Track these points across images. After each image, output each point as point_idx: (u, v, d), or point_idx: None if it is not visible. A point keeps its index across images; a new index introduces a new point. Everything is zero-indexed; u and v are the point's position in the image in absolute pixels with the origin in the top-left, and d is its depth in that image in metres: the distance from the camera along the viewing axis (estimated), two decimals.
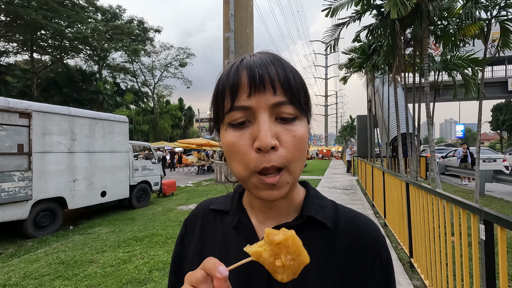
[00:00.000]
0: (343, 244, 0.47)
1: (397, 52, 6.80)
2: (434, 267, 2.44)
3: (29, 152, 4.86)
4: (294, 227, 0.46)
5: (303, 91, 0.45)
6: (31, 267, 3.55)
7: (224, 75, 0.44)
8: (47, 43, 24.69)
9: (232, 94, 0.41)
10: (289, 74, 0.42)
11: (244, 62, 0.43)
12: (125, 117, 7.25)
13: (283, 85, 0.41)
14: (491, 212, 1.51)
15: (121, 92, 33.82)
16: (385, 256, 0.48)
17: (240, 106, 0.41)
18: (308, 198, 0.50)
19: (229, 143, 0.42)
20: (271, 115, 0.41)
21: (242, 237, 0.48)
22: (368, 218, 0.52)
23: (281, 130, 0.41)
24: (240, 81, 0.41)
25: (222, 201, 0.57)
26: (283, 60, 0.44)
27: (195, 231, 0.55)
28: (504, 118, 39.86)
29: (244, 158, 0.41)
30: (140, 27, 32.41)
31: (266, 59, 0.43)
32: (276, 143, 0.39)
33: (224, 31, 10.11)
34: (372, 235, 0.48)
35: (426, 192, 2.63)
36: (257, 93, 0.40)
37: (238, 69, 0.42)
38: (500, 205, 6.70)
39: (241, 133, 0.41)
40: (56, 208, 5.39)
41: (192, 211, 0.60)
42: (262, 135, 0.39)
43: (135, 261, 3.69)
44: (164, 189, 8.99)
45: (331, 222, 0.48)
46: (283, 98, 0.41)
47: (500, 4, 5.11)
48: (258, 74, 0.40)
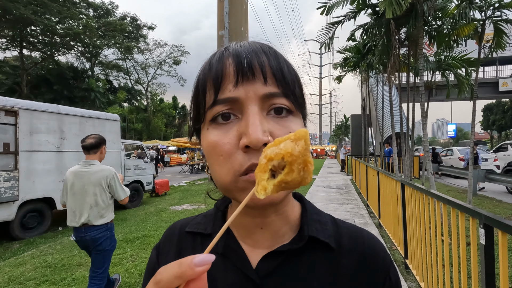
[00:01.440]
0: (349, 267, 0.40)
1: (391, 52, 6.79)
2: (429, 268, 2.40)
3: (16, 152, 4.70)
4: (293, 251, 0.39)
5: (298, 85, 0.38)
6: (16, 271, 3.42)
7: (205, 66, 0.36)
8: (37, 39, 24.14)
9: (216, 85, 0.34)
10: (283, 63, 0.36)
11: (230, 48, 0.36)
12: (117, 115, 7.10)
13: (276, 74, 0.34)
14: (491, 216, 1.47)
15: (114, 90, 33.37)
16: (394, 277, 0.43)
17: (225, 98, 0.34)
18: (306, 214, 0.43)
19: (210, 143, 0.35)
20: (262, 108, 0.34)
21: (231, 266, 0.40)
22: (372, 234, 0.46)
23: (274, 126, 0.34)
24: (224, 69, 0.34)
25: (201, 221, 0.47)
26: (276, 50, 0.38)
27: (168, 259, 0.45)
28: (494, 118, 40.61)
29: (228, 160, 0.33)
30: (133, 24, 31.98)
31: (256, 45, 0.36)
32: (269, 139, 0.32)
33: (219, 29, 10.00)
34: (380, 256, 0.43)
35: (422, 194, 2.59)
36: (245, 82, 0.33)
37: (222, 57, 0.35)
38: (493, 204, 6.77)
39: (225, 130, 0.34)
40: (45, 208, 5.25)
41: (163, 234, 0.50)
42: (252, 130, 0.31)
43: (125, 264, 3.59)
44: (157, 189, 8.86)
45: (334, 241, 0.42)
46: (276, 89, 0.34)
47: (495, 4, 5.13)
48: (246, 60, 0.33)
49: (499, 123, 39.75)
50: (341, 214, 5.86)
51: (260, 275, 0.38)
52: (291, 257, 0.39)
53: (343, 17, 7.40)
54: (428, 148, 5.86)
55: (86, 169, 2.42)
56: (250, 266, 0.39)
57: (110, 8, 29.36)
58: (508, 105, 37.66)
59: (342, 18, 7.45)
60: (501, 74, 22.97)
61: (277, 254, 0.39)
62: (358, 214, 5.91)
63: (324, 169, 18.37)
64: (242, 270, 0.39)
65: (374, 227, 4.97)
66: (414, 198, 2.86)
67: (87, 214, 2.31)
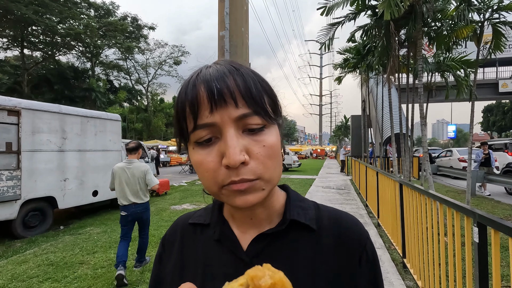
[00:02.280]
0: (329, 245, 0.46)
1: (391, 53, 6.83)
2: (426, 267, 2.45)
3: (18, 151, 4.75)
4: (278, 233, 0.46)
5: (269, 97, 0.43)
6: (19, 269, 3.47)
7: (182, 91, 0.41)
8: (38, 39, 24.21)
9: (193, 113, 0.39)
10: (250, 83, 0.40)
11: (201, 76, 0.40)
12: (118, 115, 7.15)
13: (245, 96, 0.39)
14: (484, 215, 1.52)
15: (114, 90, 33.42)
16: (371, 251, 0.48)
17: (204, 124, 0.39)
18: (289, 201, 0.49)
19: (197, 162, 0.41)
20: (238, 128, 0.39)
21: (226, 250, 0.47)
22: (350, 215, 0.51)
23: (250, 142, 0.39)
24: (199, 98, 0.39)
25: (201, 214, 0.54)
26: (243, 68, 0.42)
27: (173, 248, 0.53)
28: (494, 119, 40.64)
29: (212, 175, 0.39)
30: (134, 24, 32.04)
31: (223, 69, 0.40)
32: (245, 158, 0.38)
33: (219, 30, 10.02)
34: (356, 232, 0.48)
35: (420, 193, 2.63)
36: (218, 108, 0.38)
37: (195, 84, 0.40)
38: (491, 205, 6.80)
39: (209, 150, 0.40)
40: (46, 207, 5.29)
41: (169, 228, 0.57)
42: (230, 152, 0.37)
43: (126, 262, 3.62)
44: (158, 188, 8.90)
45: (315, 223, 0.48)
46: (247, 110, 0.39)
47: (493, 7, 5.17)
48: (216, 88, 0.38)
49: (499, 124, 39.77)
50: None
51: (249, 255, 0.44)
52: (276, 239, 0.46)
53: (343, 18, 7.44)
54: (427, 149, 5.90)
55: (129, 166, 3.42)
56: (241, 248, 0.45)
57: (111, 8, 29.43)
58: (508, 106, 37.69)
59: (342, 19, 7.49)
60: (501, 75, 22.99)
61: (264, 237, 0.45)
62: (357, 214, 5.95)
63: (324, 170, 18.42)
64: (235, 253, 0.45)
65: (373, 227, 5.01)
66: (412, 198, 2.90)
67: (135, 196, 3.38)
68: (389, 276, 3.14)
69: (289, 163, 17.42)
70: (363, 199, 7.19)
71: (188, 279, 0.45)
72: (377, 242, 4.18)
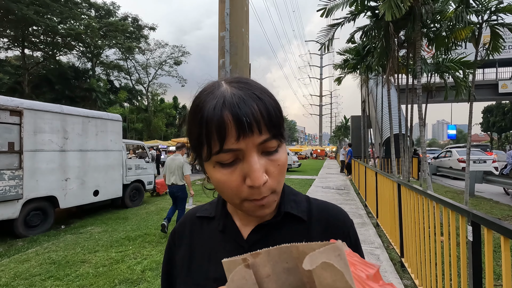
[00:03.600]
0: (318, 233, 0.53)
1: (390, 54, 6.86)
2: (423, 266, 2.48)
3: (20, 151, 4.79)
4: (274, 224, 0.52)
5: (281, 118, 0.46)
6: (21, 267, 3.51)
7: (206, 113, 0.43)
8: (39, 39, 24.25)
9: (220, 138, 0.41)
10: (271, 112, 0.43)
11: (227, 103, 0.42)
12: (119, 115, 7.19)
13: (267, 124, 0.43)
14: (478, 214, 1.55)
15: (115, 90, 33.44)
16: (353, 237, 0.54)
17: (229, 149, 0.42)
18: (284, 195, 0.55)
19: (220, 181, 0.44)
20: (258, 151, 0.44)
21: (229, 239, 0.53)
22: (336, 206, 0.58)
23: (267, 163, 0.44)
24: (226, 126, 0.41)
25: (207, 208, 0.60)
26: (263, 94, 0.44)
27: (183, 238, 0.59)
28: (494, 119, 40.65)
29: (236, 192, 0.44)
30: (134, 24, 32.07)
31: (247, 98, 0.43)
32: (266, 178, 0.43)
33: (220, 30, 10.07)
34: (341, 220, 0.55)
35: (417, 193, 2.67)
36: (245, 137, 0.41)
37: (221, 110, 0.41)
38: (489, 206, 6.84)
39: (231, 171, 0.43)
40: (48, 207, 5.33)
41: (179, 221, 0.63)
42: (256, 176, 0.42)
43: (127, 261, 3.67)
44: (158, 188, 8.94)
45: (306, 215, 0.54)
46: (268, 135, 0.43)
47: (491, 9, 5.21)
48: (246, 122, 0.41)
49: (499, 124, 39.79)
50: None
51: (249, 243, 0.51)
52: (273, 229, 0.52)
53: (343, 19, 7.48)
54: (426, 149, 5.94)
55: (175, 158, 4.85)
56: (242, 237, 0.52)
57: (111, 8, 29.47)
58: (508, 107, 37.71)
59: (341, 20, 7.53)
60: (500, 76, 22.99)
61: (262, 227, 0.52)
62: (356, 214, 5.98)
63: (323, 170, 18.44)
64: (237, 241, 0.52)
65: (372, 227, 5.04)
66: (410, 198, 2.94)
67: (174, 179, 4.77)
68: (387, 275, 3.17)
69: (289, 163, 17.45)
70: (363, 199, 7.23)
71: (197, 262, 0.53)
72: (376, 242, 4.21)
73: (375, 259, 3.60)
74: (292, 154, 19.85)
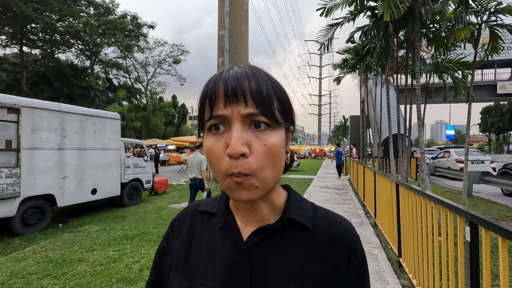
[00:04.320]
0: (322, 244, 0.50)
1: (390, 54, 6.86)
2: (421, 266, 2.49)
3: (18, 149, 4.77)
4: (276, 229, 0.50)
5: (279, 102, 0.46)
6: (18, 266, 3.49)
7: (205, 86, 0.47)
8: (38, 37, 24.15)
9: (211, 104, 0.44)
10: (262, 86, 0.44)
11: (222, 75, 0.45)
12: (117, 114, 7.17)
13: (254, 98, 0.43)
14: (476, 215, 1.55)
15: (114, 88, 33.37)
16: (360, 254, 0.52)
17: (217, 115, 0.44)
18: (289, 201, 0.53)
19: (207, 148, 0.45)
20: (245, 123, 0.43)
21: (228, 238, 0.51)
22: (345, 219, 0.55)
23: (253, 138, 0.43)
24: (217, 93, 0.44)
25: (210, 203, 0.59)
26: (260, 73, 0.46)
27: (182, 230, 0.58)
28: (492, 120, 40.78)
29: (219, 162, 0.43)
30: (133, 22, 31.97)
31: (242, 72, 0.45)
32: (246, 150, 0.42)
33: (219, 29, 10.05)
34: (348, 235, 0.52)
35: (415, 194, 2.68)
36: (231, 103, 0.43)
37: (216, 82, 0.45)
38: (487, 206, 6.86)
39: (218, 139, 0.44)
40: (45, 205, 5.31)
41: (181, 211, 0.62)
42: (233, 143, 0.41)
43: (125, 260, 3.66)
44: (156, 187, 8.93)
45: (311, 223, 0.51)
46: (254, 110, 0.43)
47: (490, 9, 5.21)
48: (231, 87, 0.43)
49: (497, 125, 39.92)
50: None
51: (248, 245, 0.49)
52: (274, 234, 0.50)
53: (342, 19, 7.47)
54: (424, 149, 5.95)
55: (195, 156, 5.51)
56: (241, 238, 0.50)
57: (110, 6, 29.36)
58: (506, 108, 37.83)
59: (341, 20, 7.52)
60: (499, 77, 23.09)
61: (263, 231, 0.50)
62: (354, 214, 5.99)
63: (322, 170, 18.45)
64: (236, 242, 0.50)
65: (370, 226, 5.05)
66: (408, 198, 2.94)
67: (194, 174, 5.46)
68: (385, 275, 3.18)
69: None
70: (361, 199, 7.24)
71: (194, 258, 0.52)
72: (374, 242, 4.22)
73: (373, 259, 3.60)
74: None
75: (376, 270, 3.30)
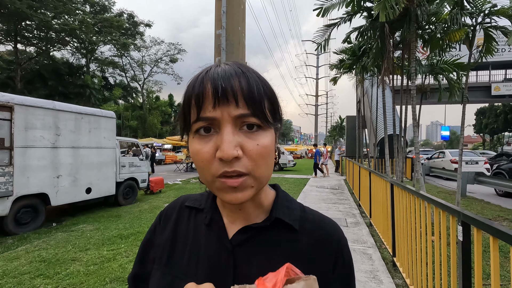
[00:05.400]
0: (308, 245, 0.49)
1: (385, 55, 6.90)
2: (415, 266, 2.50)
3: (11, 147, 4.71)
4: (262, 228, 0.49)
5: (270, 102, 0.45)
6: (10, 265, 3.45)
7: (190, 85, 0.44)
8: (32, 34, 23.88)
9: (198, 105, 0.42)
10: (252, 86, 0.43)
11: (209, 74, 0.43)
12: (112, 112, 7.11)
13: (246, 98, 0.42)
14: (468, 215, 1.57)
15: (110, 87, 33.15)
16: (347, 257, 0.51)
17: (206, 117, 0.42)
18: (277, 200, 0.52)
19: (194, 151, 0.44)
20: (236, 125, 0.42)
21: (213, 234, 0.50)
22: (332, 221, 0.54)
23: (245, 139, 0.42)
24: (205, 93, 0.42)
25: (197, 198, 0.59)
26: (249, 71, 0.45)
27: (169, 223, 0.57)
28: (487, 121, 41.21)
29: (207, 165, 0.42)
30: (130, 20, 31.80)
31: (231, 71, 0.43)
32: (239, 153, 0.40)
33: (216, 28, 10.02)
34: (335, 237, 0.51)
35: (409, 193, 2.69)
36: (221, 105, 0.41)
37: (203, 81, 0.43)
38: (481, 206, 6.93)
39: (206, 141, 0.42)
40: (39, 204, 5.25)
41: (170, 203, 0.61)
42: (225, 146, 0.40)
43: (119, 259, 3.63)
44: (152, 186, 8.89)
45: (298, 224, 0.51)
46: (246, 111, 0.42)
47: (485, 11, 5.26)
48: (221, 87, 0.41)
49: (491, 126, 40.34)
50: (333, 214, 5.96)
51: (233, 243, 0.48)
52: (260, 233, 0.49)
53: (339, 19, 7.49)
54: (419, 150, 5.99)
55: None
56: (226, 236, 0.49)
57: (106, 4, 29.16)
58: (500, 109, 38.24)
59: (338, 21, 7.53)
60: (493, 79, 23.31)
61: (249, 229, 0.49)
62: (350, 213, 6.01)
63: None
64: (221, 239, 0.49)
65: (365, 226, 5.08)
66: (402, 198, 2.96)
67: None
68: (379, 274, 3.19)
69: (284, 162, 17.48)
70: (356, 199, 7.27)
71: (178, 253, 0.51)
72: (369, 241, 4.24)
73: (368, 258, 3.62)
74: (288, 153, 19.87)
75: (370, 269, 3.31)
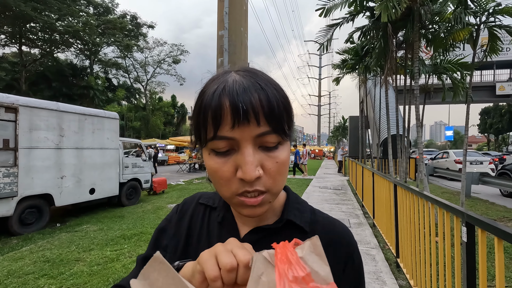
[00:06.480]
0: None
1: (389, 55, 6.87)
2: (418, 267, 2.48)
3: (15, 148, 4.75)
4: (273, 230, 0.49)
5: (287, 114, 0.44)
6: (15, 265, 3.48)
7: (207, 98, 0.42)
8: (37, 36, 24.10)
9: (215, 124, 0.40)
10: (273, 102, 0.41)
11: (227, 89, 0.41)
12: (116, 113, 7.15)
13: (267, 116, 0.40)
14: (473, 215, 1.55)
15: (113, 88, 33.34)
16: (357, 260, 0.51)
17: (224, 137, 0.40)
18: (288, 202, 0.53)
19: (212, 169, 0.43)
20: (255, 144, 0.41)
21: (225, 233, 0.52)
22: (342, 224, 0.54)
23: (264, 158, 0.41)
24: (222, 111, 0.39)
25: (211, 196, 0.60)
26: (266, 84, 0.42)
27: (184, 217, 0.58)
28: (491, 121, 40.84)
29: (227, 183, 0.42)
30: (133, 22, 31.94)
31: (249, 86, 0.41)
32: (260, 173, 0.40)
33: (218, 29, 10.05)
34: (346, 240, 0.51)
35: (413, 194, 2.67)
36: (241, 125, 0.39)
37: (220, 96, 0.40)
38: (485, 207, 6.86)
39: (225, 160, 0.42)
40: (43, 205, 5.29)
41: (187, 198, 0.62)
42: (247, 168, 0.39)
43: (123, 260, 3.65)
44: (155, 187, 8.92)
45: (308, 226, 0.51)
46: (267, 128, 0.40)
47: (489, 10, 5.22)
48: (242, 109, 0.39)
49: (496, 126, 39.98)
50: (336, 214, 5.94)
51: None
52: (271, 234, 0.49)
53: (342, 19, 7.48)
54: (422, 150, 5.95)
55: None
56: (238, 235, 0.50)
57: (110, 6, 29.33)
58: (505, 109, 37.89)
59: (340, 21, 7.52)
60: (498, 78, 23.13)
61: (260, 230, 0.49)
62: (353, 214, 5.99)
63: (321, 170, 18.45)
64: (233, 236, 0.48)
65: (368, 227, 5.05)
66: (406, 199, 2.94)
67: None
68: (383, 275, 3.17)
69: None
70: (359, 200, 7.24)
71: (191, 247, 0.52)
72: (372, 242, 4.22)
73: (371, 259, 3.60)
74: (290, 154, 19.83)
75: (373, 270, 3.29)
